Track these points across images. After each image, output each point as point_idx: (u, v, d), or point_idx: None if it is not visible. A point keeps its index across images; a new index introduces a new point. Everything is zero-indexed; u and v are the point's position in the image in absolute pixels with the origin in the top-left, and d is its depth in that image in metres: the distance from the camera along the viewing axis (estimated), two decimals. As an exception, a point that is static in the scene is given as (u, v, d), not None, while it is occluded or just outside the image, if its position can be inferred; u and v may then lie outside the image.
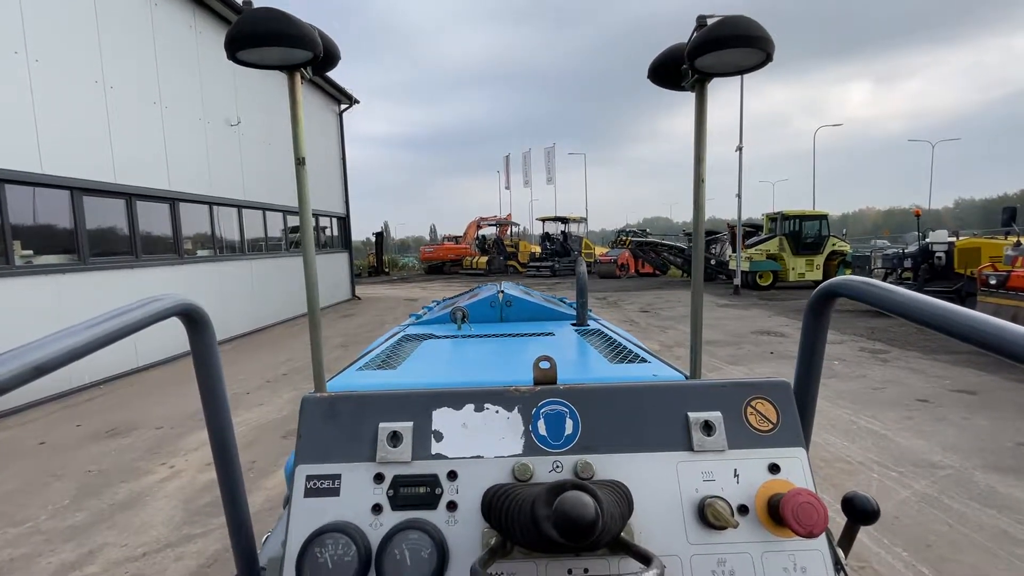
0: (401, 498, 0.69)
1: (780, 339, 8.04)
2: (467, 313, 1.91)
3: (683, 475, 0.71)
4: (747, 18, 0.94)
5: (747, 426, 0.74)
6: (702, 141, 1.13)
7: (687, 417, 0.74)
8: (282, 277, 11.65)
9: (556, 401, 0.75)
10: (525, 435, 0.73)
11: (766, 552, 0.67)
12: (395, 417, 0.74)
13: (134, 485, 3.67)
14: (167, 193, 7.96)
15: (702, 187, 1.16)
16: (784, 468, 0.72)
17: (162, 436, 4.60)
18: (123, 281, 7.03)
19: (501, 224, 30.49)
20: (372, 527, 0.67)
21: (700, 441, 0.72)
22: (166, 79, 7.98)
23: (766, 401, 0.75)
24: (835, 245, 15.50)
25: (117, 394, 6.08)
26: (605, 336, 1.70)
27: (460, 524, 0.68)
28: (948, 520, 2.95)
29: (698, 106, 1.10)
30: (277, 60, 1.00)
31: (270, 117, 11.34)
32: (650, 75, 1.14)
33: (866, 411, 4.72)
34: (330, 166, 14.93)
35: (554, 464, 0.71)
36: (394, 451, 0.71)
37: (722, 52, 0.94)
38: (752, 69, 1.02)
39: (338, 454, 0.72)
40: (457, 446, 0.72)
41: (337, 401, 0.75)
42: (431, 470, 0.71)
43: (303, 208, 1.11)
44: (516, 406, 0.75)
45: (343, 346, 8.47)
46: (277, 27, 0.92)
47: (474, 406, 0.75)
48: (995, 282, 6.56)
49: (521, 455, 0.72)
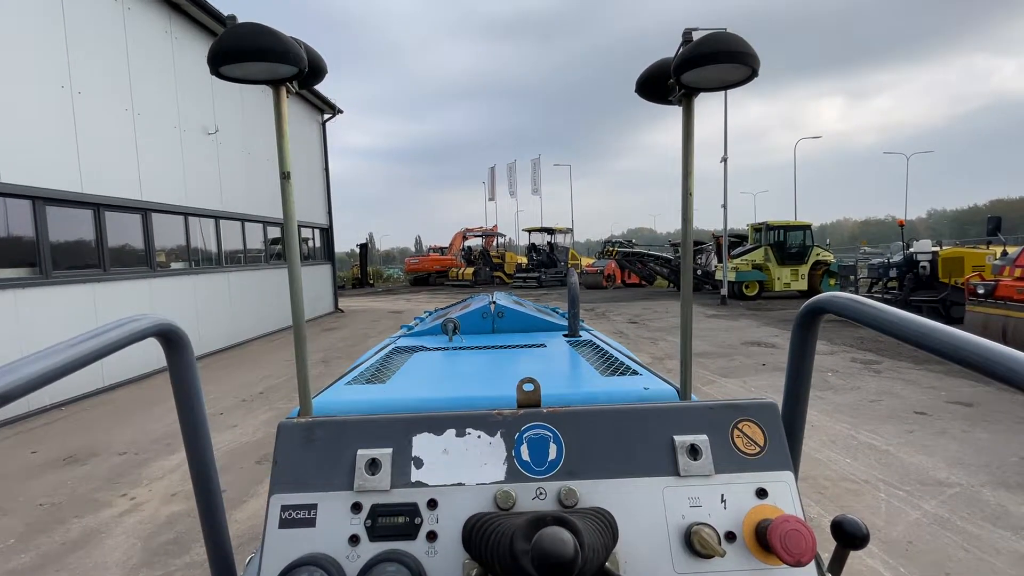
0: (379, 528, 0.67)
1: (771, 350, 7.96)
2: (458, 324, 1.88)
3: (669, 501, 0.69)
4: (732, 34, 0.95)
5: (734, 449, 0.72)
6: (690, 154, 1.14)
7: (673, 440, 0.72)
8: (261, 290, 11.28)
9: (540, 425, 0.73)
10: (508, 460, 0.71)
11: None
12: (374, 443, 0.71)
13: (90, 520, 3.35)
14: (139, 203, 7.62)
15: (690, 200, 1.17)
16: (772, 493, 0.70)
17: (125, 463, 4.27)
18: (89, 296, 6.66)
19: (487, 235, 30.35)
20: (349, 559, 0.65)
21: (686, 465, 0.70)
22: (139, 85, 7.69)
23: (753, 423, 0.74)
24: (819, 255, 15.64)
25: (79, 417, 5.70)
26: (597, 347, 1.68)
27: (440, 556, 0.66)
28: (963, 544, 2.81)
29: (685, 120, 1.12)
30: (262, 75, 0.99)
31: (249, 125, 11.05)
32: (637, 89, 1.16)
33: (865, 426, 4.60)
34: (313, 176, 14.64)
35: (537, 491, 0.69)
36: (372, 479, 0.69)
37: (708, 67, 0.95)
38: (738, 84, 1.03)
39: (315, 482, 0.69)
40: (438, 473, 0.70)
41: (315, 427, 0.72)
42: (411, 498, 0.69)
43: (288, 222, 1.09)
44: (499, 431, 0.73)
45: (324, 361, 8.15)
46: (262, 42, 0.91)
47: (455, 431, 0.73)
48: (983, 292, 6.56)
49: (503, 481, 0.70)
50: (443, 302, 4.64)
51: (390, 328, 11.68)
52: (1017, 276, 6.22)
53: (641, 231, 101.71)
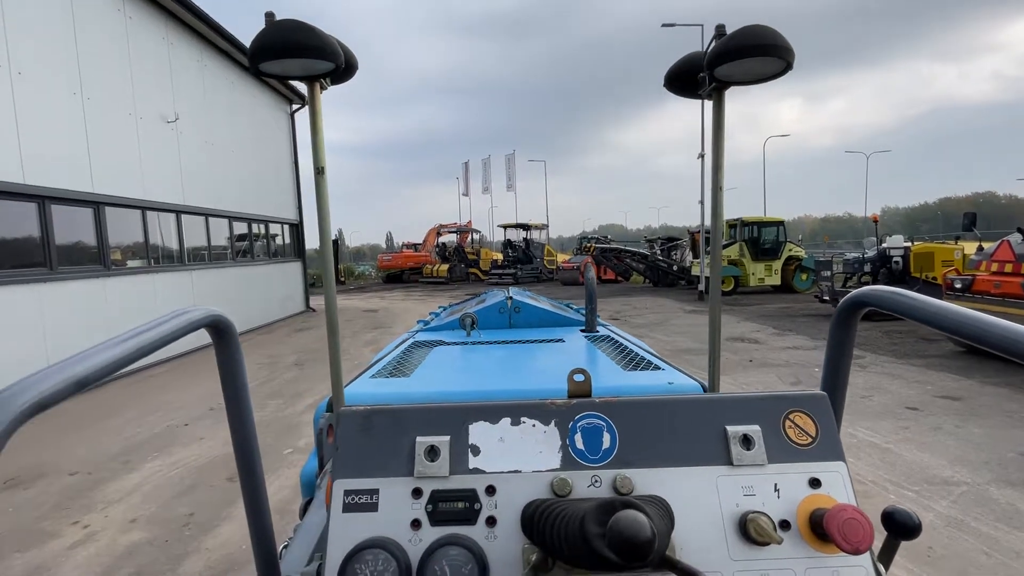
0: (440, 513, 0.69)
1: (756, 346, 7.97)
2: (476, 319, 1.90)
3: (723, 490, 0.70)
4: (767, 27, 0.94)
5: (786, 440, 0.73)
6: (720, 148, 1.13)
7: (725, 431, 0.73)
8: (228, 289, 10.69)
9: (593, 415, 0.75)
10: (562, 449, 0.73)
11: (809, 568, 0.66)
12: (432, 431, 0.73)
13: (34, 555, 2.94)
14: (90, 196, 7.01)
15: (720, 194, 1.15)
16: (825, 482, 0.71)
17: (76, 485, 3.83)
18: (33, 296, 6.06)
19: (462, 231, 29.90)
20: (411, 543, 0.67)
21: (739, 455, 0.71)
22: (88, 67, 7.06)
23: (804, 414, 0.75)
24: (791, 251, 15.95)
25: (24, 432, 5.07)
26: (615, 343, 1.68)
27: (500, 539, 0.67)
28: (983, 548, 2.73)
29: (715, 114, 1.11)
30: (299, 71, 1.01)
31: (212, 114, 10.41)
32: (666, 83, 1.16)
33: (861, 422, 4.56)
34: (281, 169, 13.99)
35: (592, 479, 0.70)
36: (432, 466, 0.71)
37: (743, 61, 0.95)
38: (771, 78, 1.03)
39: (375, 469, 0.71)
40: (495, 460, 0.72)
41: (373, 415, 0.75)
42: (469, 485, 0.70)
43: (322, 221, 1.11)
44: (553, 420, 0.75)
45: (298, 364, 7.72)
46: (303, 39, 0.93)
47: (511, 419, 0.75)
48: (960, 286, 6.68)
49: (559, 469, 0.71)
50: (418, 300, 4.36)
51: (365, 328, 11.26)
52: (994, 271, 6.36)
53: (613, 227, 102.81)
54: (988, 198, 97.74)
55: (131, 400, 6.12)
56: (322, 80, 1.03)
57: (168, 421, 5.21)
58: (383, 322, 12.12)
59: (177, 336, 0.61)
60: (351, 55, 1.04)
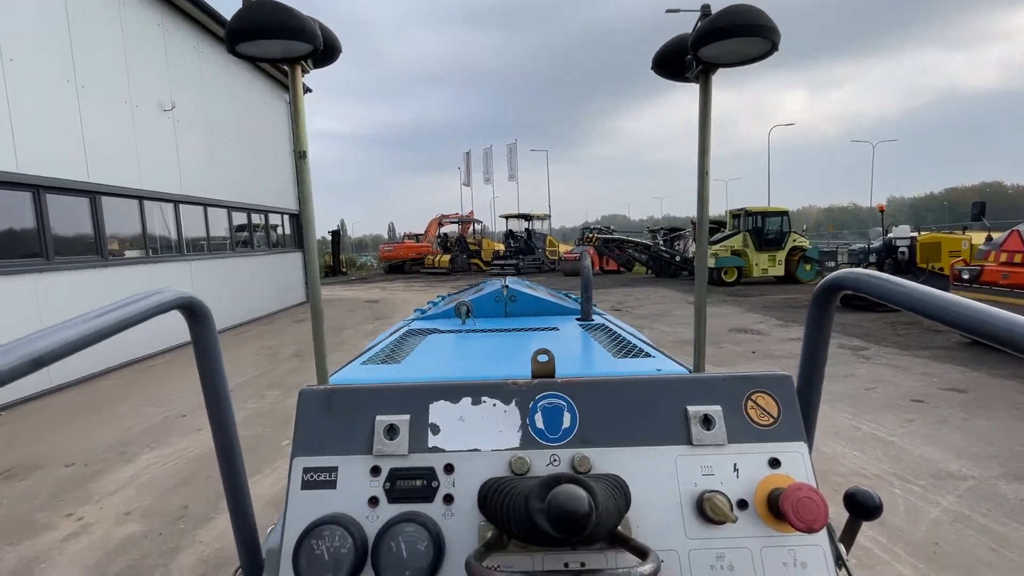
0: (398, 491, 0.69)
1: (759, 337, 7.89)
2: (471, 308, 1.91)
3: (682, 469, 0.70)
4: (752, 7, 0.93)
5: (747, 420, 0.73)
6: (707, 133, 1.11)
7: (686, 411, 0.73)
8: (227, 280, 10.64)
9: (554, 394, 0.74)
10: (522, 428, 0.72)
11: (765, 547, 0.66)
12: (392, 410, 0.73)
13: (27, 547, 2.91)
14: (86, 185, 6.93)
15: (706, 180, 1.14)
16: (785, 463, 0.70)
17: (72, 477, 3.80)
18: (29, 287, 6.02)
19: (463, 222, 29.76)
20: (369, 519, 0.67)
21: (699, 435, 0.71)
22: (82, 55, 6.94)
23: (767, 395, 0.74)
24: (795, 241, 15.80)
25: (20, 423, 5.14)
26: (610, 331, 1.69)
27: (457, 517, 0.68)
28: (991, 544, 2.67)
29: (702, 98, 1.08)
30: (278, 53, 0.99)
31: (209, 103, 10.29)
32: (654, 66, 1.13)
33: (865, 415, 4.49)
34: (279, 158, 13.87)
35: (551, 458, 0.70)
36: (391, 444, 0.71)
37: (727, 42, 0.93)
38: (757, 59, 1.00)
39: (335, 447, 0.71)
40: (454, 439, 0.72)
41: (334, 394, 0.74)
42: (428, 463, 0.70)
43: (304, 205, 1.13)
44: (513, 399, 0.74)
45: (297, 355, 7.68)
46: (278, 19, 0.91)
47: (471, 399, 0.74)
48: (968, 277, 6.58)
49: (518, 448, 0.71)
50: (419, 291, 4.30)
51: (366, 319, 11.21)
52: (1003, 261, 6.25)
53: (616, 218, 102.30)
54: (995, 188, 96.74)
55: (129, 391, 6.09)
56: (303, 62, 1.01)
57: (165, 412, 5.18)
58: (384, 313, 12.08)
59: (146, 317, 0.60)
60: (333, 37, 1.02)
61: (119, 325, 0.55)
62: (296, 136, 1.06)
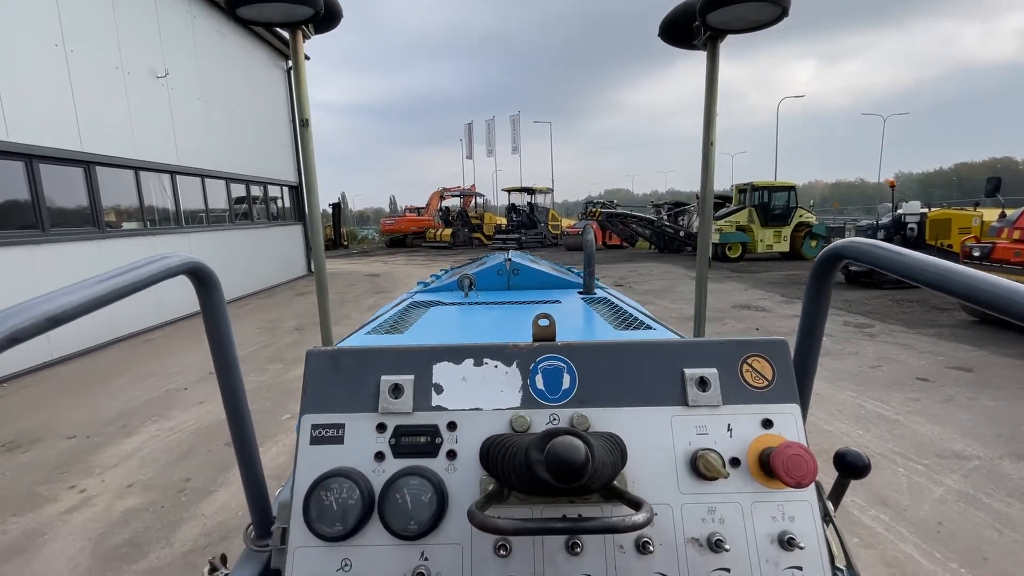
0: (403, 447, 0.71)
1: (763, 314, 7.82)
2: (474, 281, 1.93)
3: (677, 429, 0.72)
4: None
5: (742, 382, 0.74)
6: (713, 103, 1.10)
7: (683, 373, 0.74)
8: (227, 252, 10.55)
9: (554, 357, 0.76)
10: (523, 389, 0.74)
11: (756, 502, 0.69)
12: (396, 371, 0.75)
13: (30, 519, 2.93)
14: (79, 155, 6.78)
15: (711, 150, 1.14)
16: (777, 423, 0.72)
17: (74, 449, 3.81)
18: (25, 258, 5.95)
19: (465, 195, 29.41)
20: (375, 473, 0.70)
21: (695, 396, 0.73)
22: (70, 17, 6.69)
23: (762, 358, 0.75)
24: (802, 216, 15.58)
25: (22, 395, 5.15)
26: (611, 304, 1.69)
27: (459, 471, 0.70)
28: (995, 524, 2.65)
29: (709, 66, 1.07)
30: (279, 16, 0.98)
31: (204, 71, 10.00)
32: (661, 33, 1.10)
33: (869, 393, 4.46)
34: (279, 129, 13.60)
35: (551, 416, 0.72)
36: (396, 402, 0.73)
37: (735, 7, 0.92)
38: (767, 25, 0.98)
39: (342, 405, 0.73)
40: (457, 398, 0.74)
41: (340, 355, 0.76)
42: (431, 421, 0.72)
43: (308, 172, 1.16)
44: (515, 361, 0.76)
45: (298, 329, 7.66)
46: None
47: (473, 360, 0.76)
48: (979, 254, 6.45)
49: (519, 408, 0.73)
50: (421, 264, 4.22)
51: (367, 292, 11.17)
52: (1016, 238, 6.11)
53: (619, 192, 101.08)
54: (1006, 163, 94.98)
55: (130, 364, 6.09)
56: (304, 27, 1.01)
57: (167, 385, 5.18)
58: (384, 287, 12.02)
59: (155, 281, 0.61)
60: (334, 2, 1.01)
61: (129, 288, 0.57)
62: (299, 104, 1.05)
